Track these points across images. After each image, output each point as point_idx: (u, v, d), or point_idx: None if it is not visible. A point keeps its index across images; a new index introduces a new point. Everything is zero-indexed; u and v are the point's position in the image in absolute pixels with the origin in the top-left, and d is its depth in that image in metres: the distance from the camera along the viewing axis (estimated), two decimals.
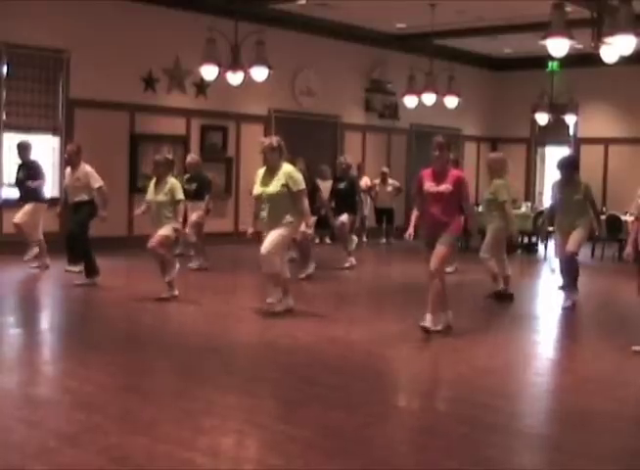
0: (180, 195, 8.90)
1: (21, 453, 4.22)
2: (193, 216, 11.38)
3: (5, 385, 5.60)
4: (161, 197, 8.79)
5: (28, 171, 10.95)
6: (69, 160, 9.90)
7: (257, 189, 8.13)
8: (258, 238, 8.16)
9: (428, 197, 7.34)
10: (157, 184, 8.90)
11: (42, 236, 10.85)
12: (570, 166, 9.12)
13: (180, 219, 8.91)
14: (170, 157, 9.35)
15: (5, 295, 9.47)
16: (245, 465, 4.25)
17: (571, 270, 9.01)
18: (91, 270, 9.69)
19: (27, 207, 10.88)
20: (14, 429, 4.61)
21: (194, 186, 11.37)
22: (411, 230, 7.54)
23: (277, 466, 4.16)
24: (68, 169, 9.94)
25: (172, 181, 8.92)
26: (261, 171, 8.18)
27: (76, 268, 9.93)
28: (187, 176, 11.54)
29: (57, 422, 4.80)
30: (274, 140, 8.15)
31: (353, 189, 12.26)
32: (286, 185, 7.96)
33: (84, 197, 9.67)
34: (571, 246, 8.85)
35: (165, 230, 8.78)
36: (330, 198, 12.22)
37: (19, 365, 6.22)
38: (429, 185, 7.30)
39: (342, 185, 12.16)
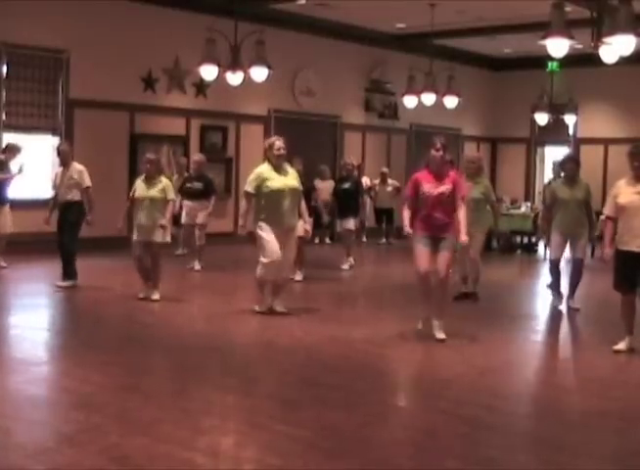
0: (172, 195, 9.09)
1: (20, 453, 4.21)
2: (200, 218, 11.39)
3: (4, 385, 5.59)
4: (156, 194, 8.88)
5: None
6: (65, 159, 9.73)
7: (277, 183, 8.10)
8: (254, 238, 8.12)
9: (428, 199, 7.16)
10: (147, 182, 8.93)
11: None
12: (576, 164, 9.16)
13: (168, 217, 8.96)
14: (158, 156, 9.63)
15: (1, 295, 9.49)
16: (244, 465, 4.24)
17: (577, 276, 9.03)
18: (72, 273, 9.64)
19: (7, 209, 10.92)
20: (13, 429, 4.61)
21: (199, 186, 11.38)
22: (408, 228, 7.30)
23: (276, 466, 4.15)
24: (59, 169, 9.78)
25: (165, 180, 9.07)
26: (267, 168, 8.16)
27: (69, 283, 9.59)
28: (189, 175, 11.50)
29: (56, 422, 4.80)
30: (282, 141, 8.26)
31: (357, 190, 12.29)
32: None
33: (75, 196, 9.55)
34: (579, 253, 8.94)
35: (162, 237, 8.89)
36: (333, 198, 12.21)
37: (17, 365, 6.21)
38: (428, 187, 7.16)
39: (346, 185, 12.14)
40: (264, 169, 8.15)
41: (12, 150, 11.10)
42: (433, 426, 4.97)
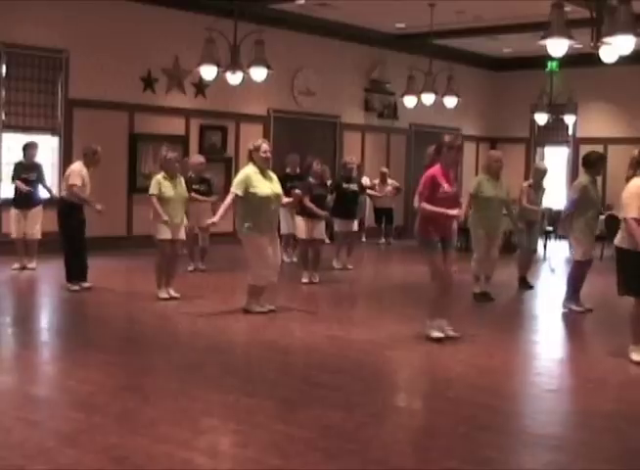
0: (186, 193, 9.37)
1: (20, 453, 4.21)
2: (205, 220, 11.35)
3: (4, 384, 5.60)
4: (183, 192, 9.08)
5: (40, 173, 11.07)
6: (99, 161, 9.68)
7: (266, 189, 8.10)
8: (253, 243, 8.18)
9: (447, 199, 7.01)
10: (172, 181, 8.94)
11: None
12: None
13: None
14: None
15: (3, 295, 9.48)
16: (244, 465, 4.24)
17: (584, 277, 9.00)
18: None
19: (38, 212, 10.96)
20: (13, 429, 4.60)
21: (203, 187, 11.36)
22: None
23: (276, 466, 4.15)
24: (83, 168, 9.47)
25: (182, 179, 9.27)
26: (252, 171, 8.12)
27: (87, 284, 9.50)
28: (194, 176, 11.46)
29: (56, 422, 4.80)
30: (268, 143, 8.35)
31: (360, 191, 12.30)
32: None
33: None
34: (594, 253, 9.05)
35: (184, 235, 9.14)
36: (340, 199, 11.69)
37: (18, 365, 6.22)
38: (447, 186, 7.01)
39: (354, 187, 11.98)
40: (251, 172, 8.08)
41: (31, 146, 11.12)
42: (432, 426, 4.98)
